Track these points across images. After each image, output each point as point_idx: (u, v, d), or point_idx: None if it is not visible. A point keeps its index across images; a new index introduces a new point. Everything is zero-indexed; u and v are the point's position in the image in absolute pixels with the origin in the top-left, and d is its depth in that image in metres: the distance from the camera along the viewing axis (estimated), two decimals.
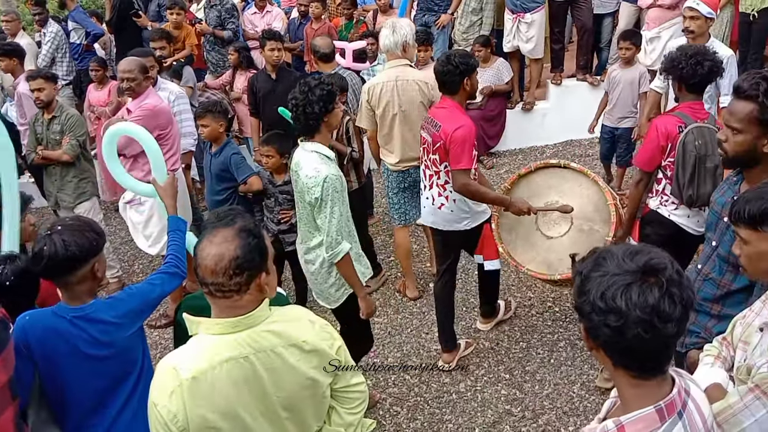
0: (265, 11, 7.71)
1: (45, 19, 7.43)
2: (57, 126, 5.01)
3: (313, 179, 3.08)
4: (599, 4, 7.31)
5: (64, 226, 2.27)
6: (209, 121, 4.47)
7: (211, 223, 1.88)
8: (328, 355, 1.94)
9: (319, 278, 3.39)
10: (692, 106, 3.35)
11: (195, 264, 1.78)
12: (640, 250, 1.33)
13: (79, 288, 2.30)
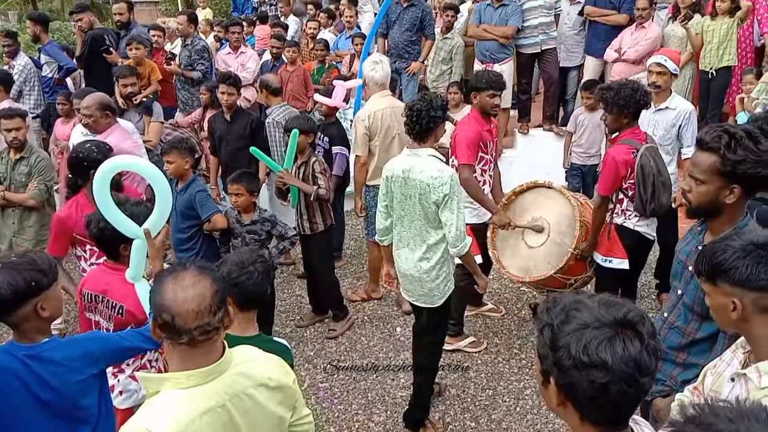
0: (239, 52, 7.75)
1: (15, 51, 7.34)
2: (25, 168, 4.81)
3: (439, 178, 3.38)
4: (565, 58, 7.55)
5: (4, 265, 2.16)
6: (175, 157, 4.40)
7: (163, 277, 1.75)
8: (290, 388, 1.93)
9: (431, 276, 3.60)
10: (634, 131, 3.91)
11: (166, 317, 1.66)
12: (612, 302, 1.31)
13: (24, 327, 2.19)
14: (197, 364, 1.70)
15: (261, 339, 2.48)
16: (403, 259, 3.70)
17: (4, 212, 4.90)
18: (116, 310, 2.86)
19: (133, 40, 6.58)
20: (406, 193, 3.54)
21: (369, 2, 10.41)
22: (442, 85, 7.66)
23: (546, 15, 7.23)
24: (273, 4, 10.98)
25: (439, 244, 3.55)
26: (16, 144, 4.77)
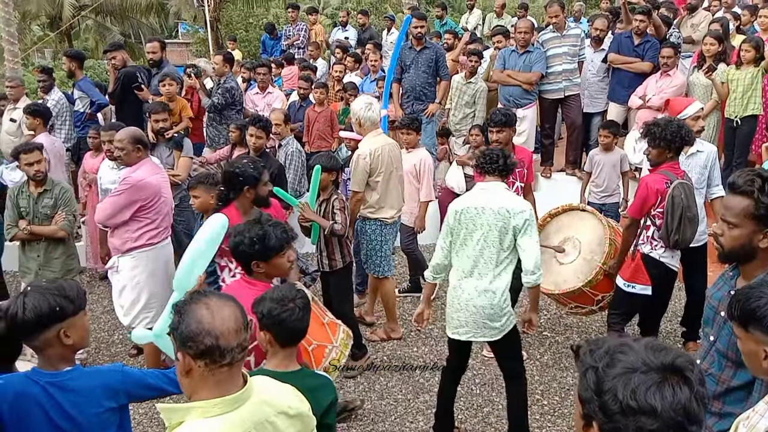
0: (266, 92, 7.91)
1: (50, 86, 7.56)
2: (49, 200, 4.84)
3: (519, 206, 3.61)
4: (589, 104, 7.61)
5: (33, 289, 2.19)
6: (201, 192, 4.47)
7: (184, 303, 1.76)
8: (308, 416, 1.94)
9: (495, 310, 3.68)
10: (673, 166, 4.13)
11: (209, 341, 1.65)
12: (659, 346, 1.28)
13: (47, 353, 2.19)
14: (225, 391, 1.69)
15: (304, 373, 2.45)
16: (467, 292, 3.72)
17: (27, 246, 4.90)
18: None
19: (166, 77, 6.75)
20: (478, 223, 3.66)
21: (392, 46, 10.62)
22: (465, 128, 7.74)
23: (570, 62, 7.31)
24: (301, 47, 11.24)
25: (505, 273, 3.70)
26: (39, 177, 4.78)
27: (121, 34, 22.79)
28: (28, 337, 2.17)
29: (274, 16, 24.67)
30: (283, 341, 2.41)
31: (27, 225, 4.79)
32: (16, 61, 12.92)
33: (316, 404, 2.31)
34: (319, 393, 2.39)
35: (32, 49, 22.53)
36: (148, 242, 4.51)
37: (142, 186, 4.40)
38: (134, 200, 4.37)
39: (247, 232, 2.89)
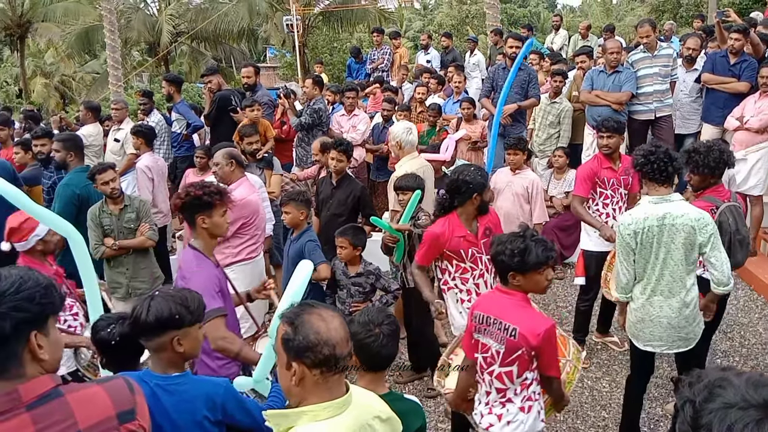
0: (352, 115, 8.11)
1: (150, 109, 8.04)
2: (131, 214, 5.05)
3: (702, 219, 3.53)
4: (681, 125, 7.36)
5: (161, 293, 2.35)
6: (291, 209, 4.65)
7: (296, 315, 1.82)
8: (395, 420, 2.00)
9: (689, 320, 3.71)
10: (717, 190, 4.09)
11: (327, 350, 1.74)
12: (761, 381, 1.24)
13: (160, 356, 2.33)
14: (333, 396, 1.77)
15: (393, 396, 2.46)
16: (657, 308, 3.72)
17: (113, 261, 5.08)
18: (509, 333, 2.88)
19: (255, 102, 7.06)
20: (661, 240, 3.61)
21: (477, 68, 10.66)
22: (549, 149, 7.68)
23: (661, 83, 7.11)
24: (385, 70, 11.46)
25: (693, 286, 3.71)
26: (115, 194, 4.98)
27: (213, 58, 23.94)
28: (146, 339, 2.32)
29: (358, 40, 25.29)
30: (368, 366, 2.42)
31: (114, 241, 4.99)
32: (119, 84, 13.82)
33: (405, 428, 2.34)
34: (409, 417, 2.39)
35: (132, 74, 24.00)
36: (247, 257, 4.74)
37: (244, 204, 4.62)
38: (237, 218, 4.58)
39: (509, 244, 2.88)
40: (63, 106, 28.44)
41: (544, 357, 2.88)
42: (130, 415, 1.70)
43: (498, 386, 3.00)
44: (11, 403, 1.53)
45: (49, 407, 1.57)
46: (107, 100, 15.26)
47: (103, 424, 1.64)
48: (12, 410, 1.53)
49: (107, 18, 13.51)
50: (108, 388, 1.71)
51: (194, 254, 3.24)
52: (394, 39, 12.32)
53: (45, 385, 1.59)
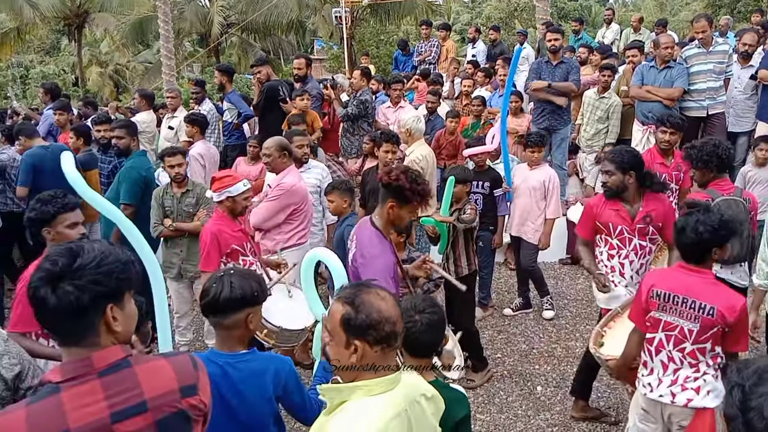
0: (398, 107, 8.16)
1: (202, 98, 8.26)
2: (191, 199, 5.22)
3: None
4: (734, 123, 7.19)
5: (235, 272, 2.45)
6: (335, 197, 4.76)
7: (354, 295, 1.89)
8: (438, 398, 2.06)
9: None
10: (719, 184, 4.16)
11: (389, 328, 1.82)
12: None
13: (232, 333, 2.41)
14: (385, 371, 1.85)
15: (439, 385, 2.47)
16: None
17: (170, 242, 5.28)
18: (706, 311, 2.91)
19: (305, 92, 7.19)
20: None
21: (525, 62, 10.57)
22: (598, 144, 7.60)
23: (715, 80, 6.95)
24: (432, 62, 11.47)
25: None
26: (179, 178, 5.21)
27: (262, 50, 24.26)
28: (223, 316, 2.39)
29: (405, 32, 25.26)
30: (409, 351, 2.48)
31: (172, 222, 5.21)
32: (172, 74, 14.19)
33: (449, 417, 2.38)
34: (454, 406, 2.43)
35: (183, 64, 24.53)
36: (297, 242, 4.90)
37: (294, 191, 4.79)
38: (288, 204, 4.77)
39: (703, 222, 2.90)
40: (116, 94, 29.25)
41: (736, 333, 2.94)
42: (192, 390, 1.78)
43: (690, 361, 3.03)
44: (84, 369, 1.64)
45: (119, 376, 1.67)
46: (159, 90, 15.68)
47: (167, 396, 1.72)
48: (85, 376, 1.63)
49: (161, 8, 13.87)
50: (173, 362, 1.80)
51: (375, 233, 3.26)
52: (441, 31, 12.30)
53: (116, 354, 1.69)
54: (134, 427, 1.66)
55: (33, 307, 1.64)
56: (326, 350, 1.96)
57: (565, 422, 4.44)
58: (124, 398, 1.65)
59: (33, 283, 1.62)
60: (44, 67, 33.17)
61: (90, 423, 1.60)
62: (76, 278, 1.61)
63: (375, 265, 3.12)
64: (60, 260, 1.62)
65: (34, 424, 1.57)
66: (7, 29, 24.51)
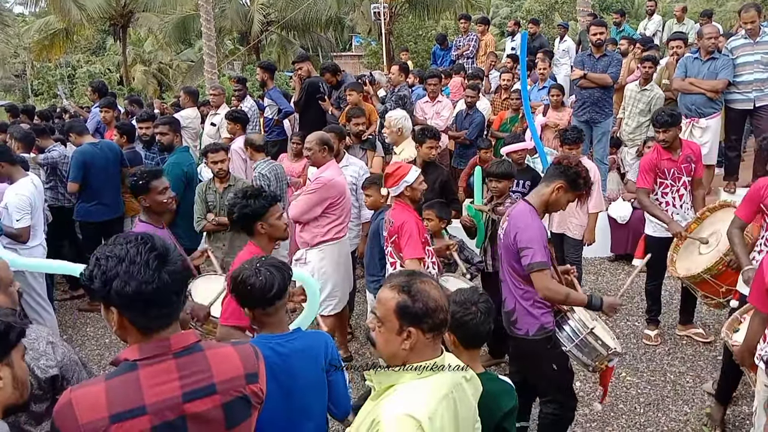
0: (435, 101, 8.17)
1: (243, 95, 8.42)
2: (233, 194, 5.40)
3: None
4: None
5: (272, 263, 2.52)
6: (373, 191, 4.83)
7: (408, 283, 1.94)
8: (477, 381, 2.14)
9: None
10: None
11: (443, 316, 1.92)
12: None
13: (279, 317, 2.51)
14: (433, 355, 1.94)
15: (488, 376, 2.53)
16: None
17: (213, 236, 5.40)
18: None
19: (349, 86, 7.27)
20: None
21: (566, 55, 10.46)
22: (640, 137, 7.49)
23: (762, 71, 6.76)
24: (471, 57, 11.42)
25: None
26: (221, 174, 5.34)
27: (301, 47, 24.50)
28: (273, 302, 2.46)
29: (443, 27, 25.17)
30: (466, 344, 2.52)
31: (215, 217, 5.33)
32: (213, 72, 14.45)
33: (497, 408, 2.43)
34: (502, 397, 2.50)
35: (225, 62, 24.94)
36: (335, 236, 4.93)
37: (332, 185, 4.84)
38: (325, 198, 4.81)
39: None
40: (160, 92, 29.92)
41: None
42: (255, 377, 1.88)
43: None
44: (162, 349, 1.74)
45: (192, 358, 1.77)
46: (202, 87, 15.99)
47: (233, 381, 1.82)
48: (163, 355, 1.74)
49: (203, 7, 14.14)
50: (239, 350, 1.90)
51: (529, 209, 3.43)
52: (480, 25, 12.24)
53: (189, 338, 1.80)
54: (203, 408, 1.75)
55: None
56: (371, 335, 2.03)
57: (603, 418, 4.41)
58: (196, 380, 1.75)
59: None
60: (91, 67, 34.10)
61: (164, 400, 1.70)
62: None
63: (530, 231, 3.33)
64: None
65: (113, 398, 1.67)
66: (56, 30, 25.27)
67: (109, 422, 1.64)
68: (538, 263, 3.27)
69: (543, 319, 3.42)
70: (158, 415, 1.69)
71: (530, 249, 3.29)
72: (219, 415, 1.78)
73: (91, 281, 1.69)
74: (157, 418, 1.68)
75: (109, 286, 1.66)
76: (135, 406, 1.67)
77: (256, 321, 2.52)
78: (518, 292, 3.45)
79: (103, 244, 1.75)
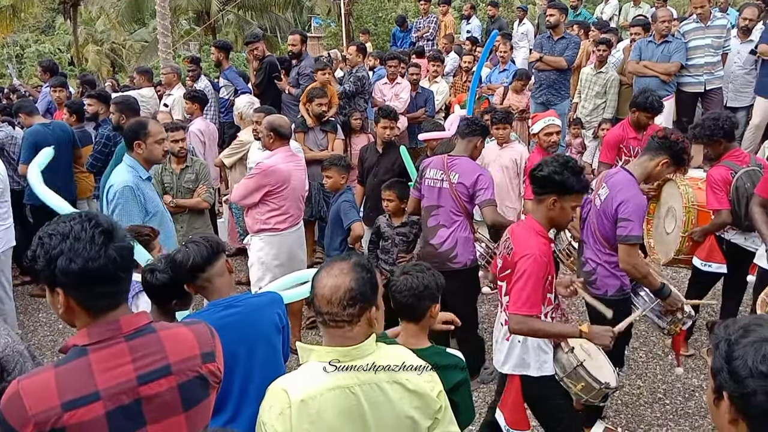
0: (394, 83, 8.14)
1: (198, 75, 8.24)
2: (191, 175, 5.24)
3: None
4: (733, 98, 7.19)
5: (190, 240, 2.62)
6: (333, 173, 4.81)
7: (329, 261, 1.99)
8: (430, 397, 1.95)
9: None
10: (734, 155, 4.33)
11: (311, 295, 1.90)
12: None
13: (221, 281, 2.59)
14: (336, 343, 1.89)
15: (434, 350, 2.53)
16: None
17: (172, 218, 5.25)
18: None
19: (327, 66, 7.19)
20: None
21: (525, 38, 10.53)
22: (596, 119, 7.61)
23: (713, 55, 6.94)
24: (431, 39, 11.40)
25: None
26: (182, 153, 5.25)
27: (259, 27, 24.05)
28: (203, 272, 2.53)
29: (403, 9, 25.03)
30: (399, 316, 2.53)
31: (172, 199, 5.20)
32: (168, 52, 14.06)
33: (445, 382, 2.40)
34: (449, 372, 2.46)
35: (180, 43, 24.34)
36: (274, 227, 4.70)
37: (270, 172, 4.60)
38: (263, 184, 4.58)
39: None
40: (113, 73, 29.08)
41: None
42: (211, 356, 1.85)
43: None
44: (112, 332, 1.69)
45: (144, 340, 1.73)
46: (157, 68, 15.57)
47: (189, 361, 1.79)
48: (113, 338, 1.69)
49: None
50: (193, 330, 1.87)
51: (631, 179, 3.54)
52: (441, 6, 12.20)
53: (141, 320, 1.76)
54: (159, 389, 1.72)
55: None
56: None
57: None
58: (150, 361, 1.72)
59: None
60: (40, 46, 32.92)
61: (117, 384, 1.66)
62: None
63: (634, 202, 3.43)
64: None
65: (64, 385, 1.61)
66: (3, 7, 24.29)
67: (62, 410, 1.59)
68: (635, 237, 3.41)
69: (623, 281, 3.65)
70: (112, 400, 1.65)
71: (631, 222, 3.42)
72: (175, 397, 1.75)
73: (34, 261, 1.63)
74: (112, 403, 1.65)
75: (53, 265, 1.61)
76: (88, 392, 1.62)
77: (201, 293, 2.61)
78: (602, 257, 3.63)
79: (47, 224, 1.69)
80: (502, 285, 3.16)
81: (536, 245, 2.95)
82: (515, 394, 3.15)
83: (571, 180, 2.93)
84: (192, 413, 1.80)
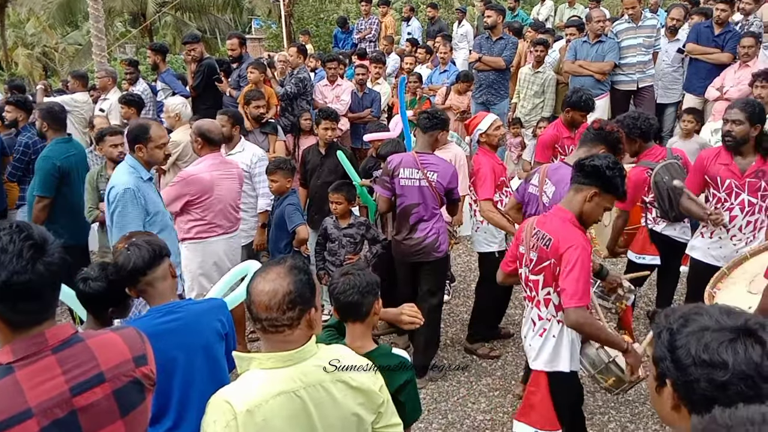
0: (335, 85, 8.12)
1: (135, 78, 8.01)
2: None
3: None
4: (662, 95, 7.46)
5: (131, 244, 2.54)
6: (279, 177, 4.73)
7: (263, 266, 1.95)
8: (373, 392, 1.98)
9: None
10: (650, 153, 4.48)
11: (248, 301, 1.86)
12: (732, 310, 1.33)
13: (165, 284, 2.55)
14: (276, 349, 1.86)
15: (380, 352, 2.53)
16: None
17: (106, 226, 4.93)
18: None
19: (251, 64, 7.07)
20: None
21: (464, 39, 10.67)
22: (535, 118, 7.76)
23: (644, 53, 7.19)
24: (372, 40, 11.42)
25: None
26: (122, 158, 4.88)
27: (198, 29, 23.60)
28: (145, 276, 2.47)
29: (345, 11, 25.01)
30: (343, 317, 2.52)
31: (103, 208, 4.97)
32: (102, 55, 13.62)
33: (390, 383, 2.40)
34: (394, 373, 2.47)
35: (115, 45, 23.66)
36: (196, 236, 4.54)
37: (191, 181, 4.44)
38: (182, 194, 4.42)
39: None
40: (45, 77, 28.00)
41: None
42: (143, 360, 1.81)
43: None
44: (38, 346, 1.62)
45: (73, 350, 1.67)
46: (91, 72, 15.08)
47: (122, 367, 1.74)
48: (40, 353, 1.62)
49: None
50: (122, 335, 1.82)
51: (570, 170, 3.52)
52: (382, 7, 12.24)
53: (66, 331, 1.68)
54: (93, 398, 1.67)
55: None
56: None
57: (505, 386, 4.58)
58: (82, 371, 1.67)
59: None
60: None
61: (50, 398, 1.60)
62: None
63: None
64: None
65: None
66: None
67: None
68: None
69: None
70: (46, 416, 1.58)
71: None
72: (111, 404, 1.71)
73: None
74: (46, 419, 1.58)
75: None
76: (19, 411, 1.55)
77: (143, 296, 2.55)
78: None
79: None
80: (537, 279, 3.15)
81: (580, 236, 2.99)
82: (543, 393, 3.16)
83: (617, 181, 2.99)
84: (130, 418, 1.77)
